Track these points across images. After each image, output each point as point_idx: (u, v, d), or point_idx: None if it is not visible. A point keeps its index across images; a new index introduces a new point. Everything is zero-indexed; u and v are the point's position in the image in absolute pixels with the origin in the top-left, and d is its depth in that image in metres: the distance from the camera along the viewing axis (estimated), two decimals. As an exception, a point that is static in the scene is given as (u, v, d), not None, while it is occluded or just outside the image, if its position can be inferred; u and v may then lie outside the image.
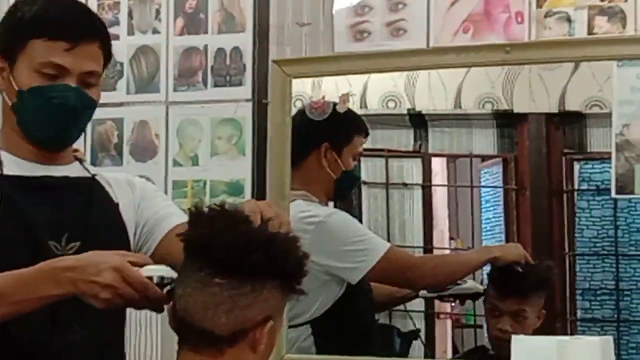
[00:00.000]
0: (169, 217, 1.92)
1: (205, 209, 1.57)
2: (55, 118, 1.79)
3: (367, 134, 2.89)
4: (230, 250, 1.52)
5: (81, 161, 1.93)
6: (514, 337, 2.27)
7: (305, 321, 2.66)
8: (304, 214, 2.67)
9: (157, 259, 1.86)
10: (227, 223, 1.54)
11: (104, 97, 2.83)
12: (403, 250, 2.94)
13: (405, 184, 3.15)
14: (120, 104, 2.86)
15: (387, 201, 3.09)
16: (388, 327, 3.01)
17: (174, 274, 1.59)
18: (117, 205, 1.89)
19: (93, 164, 2.82)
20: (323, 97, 2.78)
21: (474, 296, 2.87)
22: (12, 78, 1.80)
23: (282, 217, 1.63)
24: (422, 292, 2.87)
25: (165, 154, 2.79)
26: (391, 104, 3.08)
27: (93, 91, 1.84)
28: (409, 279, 2.75)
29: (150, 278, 1.58)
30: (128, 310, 2.70)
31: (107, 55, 1.87)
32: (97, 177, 1.91)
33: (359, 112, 3.01)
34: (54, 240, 1.75)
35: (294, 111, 2.73)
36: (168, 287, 1.59)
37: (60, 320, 1.70)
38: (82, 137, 2.82)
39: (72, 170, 1.89)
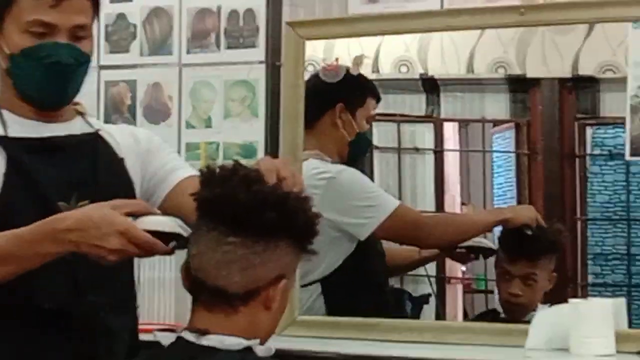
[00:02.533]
0: (176, 171, 1.92)
1: (217, 169, 1.58)
2: (49, 78, 1.77)
3: (379, 99, 2.89)
4: (244, 209, 1.52)
5: (83, 115, 1.90)
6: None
7: (315, 279, 2.67)
8: (316, 170, 2.68)
9: (168, 211, 1.84)
10: (241, 182, 1.55)
11: (117, 59, 2.88)
12: (413, 209, 2.95)
13: (417, 149, 3.16)
14: (134, 66, 2.85)
15: (398, 166, 3.10)
16: (399, 291, 3.02)
17: (176, 227, 1.60)
18: (122, 160, 1.87)
19: (107, 125, 2.82)
20: (336, 60, 2.77)
21: (488, 251, 2.86)
22: (2, 41, 1.77)
23: (297, 176, 1.62)
24: None
25: (179, 116, 2.79)
26: (403, 69, 3.08)
27: (85, 44, 1.80)
28: (417, 236, 2.76)
29: (153, 232, 1.57)
30: (140, 272, 2.73)
31: (96, 6, 1.82)
32: (100, 132, 1.88)
33: (371, 76, 3.02)
34: (63, 201, 1.73)
35: (307, 74, 2.72)
36: (173, 243, 1.59)
37: (79, 286, 1.72)
38: (95, 98, 2.88)
39: (75, 126, 1.86)
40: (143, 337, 2.40)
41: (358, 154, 2.87)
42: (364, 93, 2.83)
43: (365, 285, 2.71)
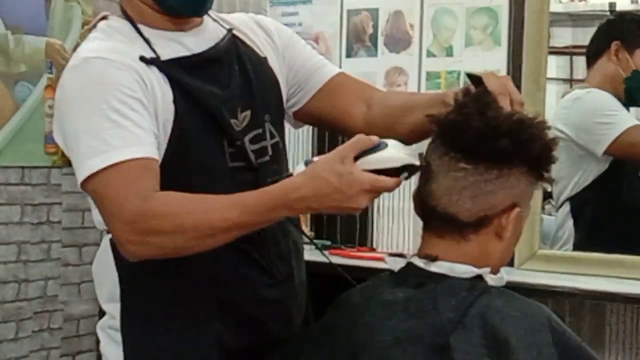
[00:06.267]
0: (323, 67, 1.86)
1: (460, 95, 1.54)
2: None
3: None
4: (477, 135, 1.49)
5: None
6: None
7: (564, 198, 2.69)
8: (570, 95, 2.73)
9: (315, 110, 1.84)
10: (476, 108, 1.51)
11: (359, -13, 2.88)
12: None
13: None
14: (375, -6, 2.84)
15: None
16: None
17: (407, 158, 1.52)
18: (265, 59, 1.79)
19: (348, 55, 2.84)
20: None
21: None
22: None
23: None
24: None
25: (419, 45, 2.76)
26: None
27: None
28: None
29: (383, 171, 1.48)
30: (379, 201, 2.75)
31: None
32: (235, 32, 1.79)
33: (630, 7, 2.91)
34: (233, 117, 1.68)
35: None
36: (405, 174, 1.52)
37: None
38: (338, 27, 2.90)
39: (210, 30, 1.77)
40: (376, 264, 2.45)
41: (635, 92, 2.76)
42: None
43: (617, 211, 2.69)
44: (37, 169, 3.12)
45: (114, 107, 1.55)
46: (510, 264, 2.47)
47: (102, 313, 1.77)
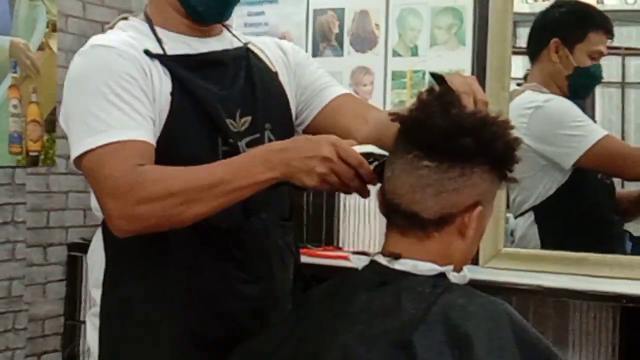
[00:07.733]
0: (329, 87, 1.92)
1: (424, 94, 1.56)
2: None
3: (609, 33, 2.78)
4: (440, 133, 1.49)
5: (228, 28, 1.88)
6: None
7: (527, 208, 2.67)
8: (526, 100, 2.67)
9: (320, 127, 1.88)
10: (439, 106, 1.52)
11: (325, -13, 2.88)
12: (620, 141, 2.85)
13: (642, 84, 3.01)
14: (342, -6, 2.85)
15: (622, 101, 2.97)
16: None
17: (381, 151, 1.58)
18: (276, 74, 1.87)
19: (314, 55, 2.84)
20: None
21: None
22: None
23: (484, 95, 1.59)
24: None
25: (385, 45, 2.77)
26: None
27: None
28: (620, 166, 2.70)
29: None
30: (344, 201, 2.76)
31: None
32: (250, 46, 1.86)
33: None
34: (230, 117, 1.73)
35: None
36: (376, 163, 1.57)
37: (249, 205, 1.70)
38: (304, 27, 2.91)
39: (226, 39, 1.85)
40: (342, 263, 2.46)
41: (578, 89, 2.77)
42: (583, 28, 2.74)
43: (582, 217, 2.69)
44: (1, 168, 3.10)
45: (115, 92, 1.61)
46: (475, 262, 2.49)
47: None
